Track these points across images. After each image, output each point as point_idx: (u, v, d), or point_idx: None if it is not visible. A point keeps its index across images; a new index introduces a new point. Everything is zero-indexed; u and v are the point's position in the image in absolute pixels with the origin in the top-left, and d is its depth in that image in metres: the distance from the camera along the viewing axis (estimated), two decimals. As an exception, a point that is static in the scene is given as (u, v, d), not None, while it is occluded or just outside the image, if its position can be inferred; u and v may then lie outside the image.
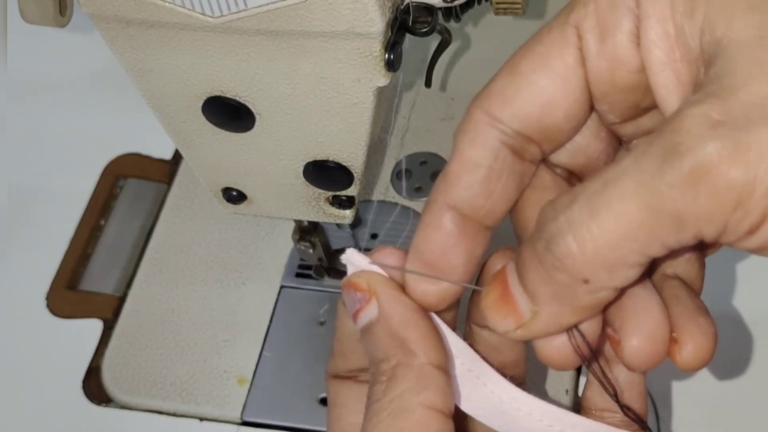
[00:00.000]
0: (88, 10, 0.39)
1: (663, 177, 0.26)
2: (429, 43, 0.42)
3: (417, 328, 0.33)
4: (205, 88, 0.42)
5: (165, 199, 0.65)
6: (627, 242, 0.27)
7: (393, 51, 0.38)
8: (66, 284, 0.62)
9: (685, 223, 0.27)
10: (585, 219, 0.28)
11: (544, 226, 0.29)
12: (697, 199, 0.26)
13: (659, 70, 0.30)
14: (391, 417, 0.32)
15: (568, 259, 0.28)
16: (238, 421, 0.55)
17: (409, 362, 0.32)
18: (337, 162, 0.45)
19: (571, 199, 0.28)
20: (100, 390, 0.57)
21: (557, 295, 0.30)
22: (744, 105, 0.26)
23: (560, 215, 0.28)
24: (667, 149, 0.26)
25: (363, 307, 0.34)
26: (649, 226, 0.27)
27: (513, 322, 0.31)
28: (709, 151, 0.26)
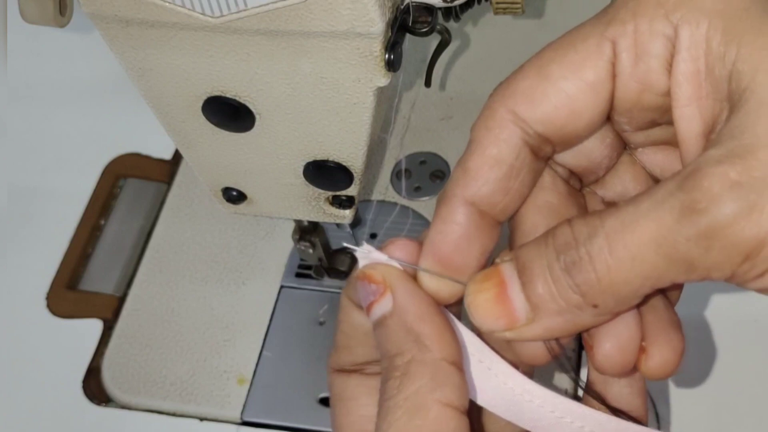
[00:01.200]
0: (88, 10, 0.39)
1: (680, 230, 0.28)
2: (429, 43, 0.42)
3: (432, 323, 0.33)
4: (205, 87, 0.42)
5: (165, 199, 0.65)
6: (640, 280, 0.30)
7: (393, 51, 0.38)
8: (66, 284, 0.62)
9: (696, 269, 0.29)
10: (605, 255, 0.30)
11: (563, 249, 0.31)
12: (709, 252, 0.28)
13: (684, 105, 0.31)
14: (407, 415, 0.32)
15: (587, 286, 0.30)
16: (238, 420, 0.55)
17: (424, 358, 0.32)
18: (337, 162, 0.45)
19: (591, 232, 0.30)
20: (100, 390, 0.57)
21: (561, 311, 0.31)
22: (762, 166, 0.27)
23: (581, 246, 0.30)
24: (686, 205, 0.28)
25: (377, 300, 0.34)
26: (662, 269, 0.29)
27: (505, 325, 0.32)
28: (726, 212, 0.28)
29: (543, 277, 0.31)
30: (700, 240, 0.28)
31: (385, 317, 0.33)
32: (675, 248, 0.29)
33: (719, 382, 0.53)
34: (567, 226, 0.31)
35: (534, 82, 0.32)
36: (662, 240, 0.29)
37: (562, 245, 0.31)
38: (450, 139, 0.65)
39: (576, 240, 0.30)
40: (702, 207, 0.28)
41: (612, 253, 0.29)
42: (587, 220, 0.31)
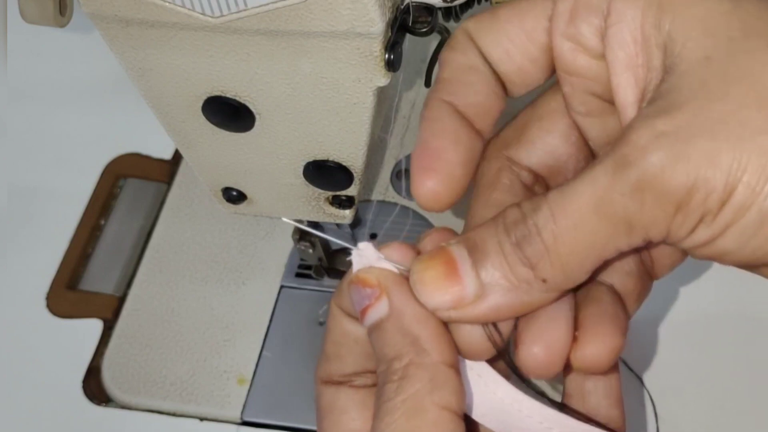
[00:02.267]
0: (88, 9, 0.39)
1: (614, 186, 0.29)
2: (429, 43, 0.42)
3: (429, 326, 0.33)
4: (205, 87, 0.42)
5: (165, 199, 0.65)
6: (585, 248, 0.30)
7: (393, 51, 0.38)
8: (66, 284, 0.62)
9: (635, 228, 0.30)
10: (551, 225, 0.31)
11: (512, 226, 0.32)
12: (644, 206, 0.29)
13: (621, 72, 0.32)
14: (405, 417, 0.32)
15: (537, 258, 0.31)
16: (238, 420, 0.55)
17: (422, 361, 0.32)
18: (337, 162, 0.45)
19: (537, 206, 0.31)
20: (100, 390, 0.57)
21: (511, 288, 0.32)
22: (686, 118, 0.28)
23: (529, 219, 0.31)
24: (617, 161, 0.29)
25: (372, 304, 0.34)
26: (603, 233, 0.30)
27: (451, 302, 0.33)
28: (653, 161, 0.29)
29: (494, 253, 0.32)
30: (634, 193, 0.29)
31: (381, 321, 0.34)
32: (612, 207, 0.29)
33: (719, 383, 0.53)
34: (515, 206, 0.32)
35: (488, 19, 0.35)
36: (599, 200, 0.30)
37: (511, 223, 0.32)
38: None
39: (524, 215, 0.31)
40: (631, 159, 0.29)
41: (556, 222, 0.30)
42: (534, 198, 0.32)
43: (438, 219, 0.60)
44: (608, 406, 0.37)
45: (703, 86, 0.29)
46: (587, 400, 0.37)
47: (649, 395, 0.52)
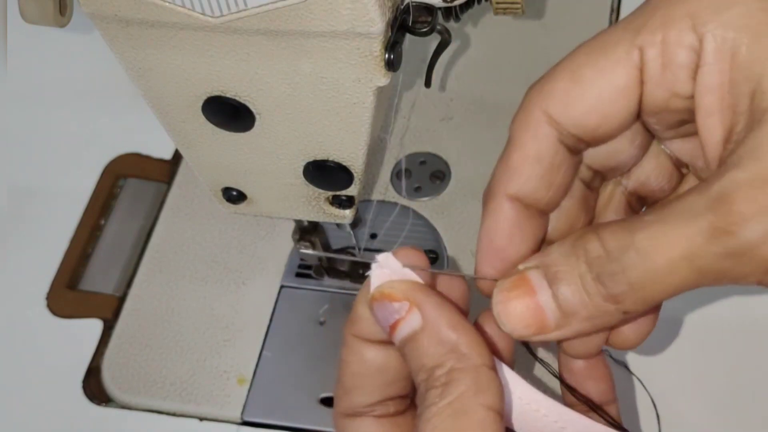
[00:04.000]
0: (88, 9, 0.39)
1: (712, 248, 0.30)
2: (429, 43, 0.42)
3: (465, 331, 0.34)
4: (205, 87, 0.42)
5: (165, 198, 0.65)
6: (672, 289, 0.32)
7: (393, 51, 0.38)
8: (66, 284, 0.62)
9: (725, 279, 0.31)
10: (639, 268, 0.31)
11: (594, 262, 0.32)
12: (738, 266, 0.30)
13: (708, 114, 0.33)
14: (452, 418, 0.32)
15: (622, 297, 0.32)
16: (238, 420, 0.55)
17: (465, 365, 0.33)
18: (337, 162, 0.45)
19: (622, 247, 0.32)
20: (100, 390, 0.57)
21: (592, 317, 0.33)
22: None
23: (614, 261, 0.32)
24: (717, 227, 0.30)
25: (404, 318, 0.34)
26: (693, 280, 0.31)
27: (534, 331, 0.34)
28: (755, 236, 0.30)
29: (576, 286, 0.33)
30: (730, 257, 0.30)
31: (415, 333, 0.34)
32: (706, 263, 0.31)
33: (719, 383, 0.53)
34: (595, 237, 0.33)
35: (567, 85, 0.34)
36: (694, 257, 0.31)
37: (594, 258, 0.32)
38: (450, 140, 0.65)
39: (608, 254, 0.32)
40: (733, 229, 0.30)
41: (646, 268, 0.31)
42: (616, 233, 0.32)
43: (438, 219, 0.60)
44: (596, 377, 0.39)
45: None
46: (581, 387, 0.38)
47: (649, 395, 0.52)
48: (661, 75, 0.33)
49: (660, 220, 0.31)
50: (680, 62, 0.32)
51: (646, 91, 0.33)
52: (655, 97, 0.33)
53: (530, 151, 0.35)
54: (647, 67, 0.33)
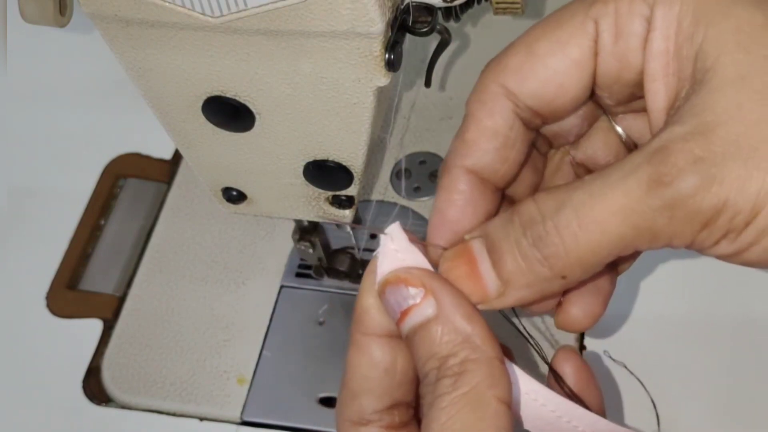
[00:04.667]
0: (88, 9, 0.39)
1: (647, 201, 0.30)
2: (429, 43, 0.42)
3: (479, 323, 0.34)
4: (205, 87, 0.42)
5: (165, 198, 0.65)
6: (607, 249, 0.32)
7: (393, 51, 0.38)
8: (66, 284, 0.62)
9: (660, 237, 0.31)
10: (573, 227, 0.31)
11: (529, 225, 0.32)
12: (672, 221, 0.31)
13: (653, 80, 0.33)
14: (468, 408, 0.32)
15: (555, 259, 0.32)
16: (237, 420, 0.55)
17: (478, 356, 0.33)
18: (337, 162, 0.45)
19: (558, 205, 0.32)
20: (100, 390, 0.57)
21: (531, 283, 0.33)
22: (722, 142, 0.30)
23: (548, 220, 0.32)
24: (653, 178, 0.30)
25: (419, 304, 0.34)
26: (629, 238, 0.31)
27: (477, 299, 0.34)
28: (688, 184, 0.30)
29: (512, 254, 0.33)
30: (665, 210, 0.30)
31: (428, 321, 0.34)
32: (642, 218, 0.31)
33: (720, 383, 0.53)
34: (531, 201, 0.33)
35: (523, 58, 0.34)
36: (630, 211, 0.31)
37: (527, 221, 0.32)
38: (450, 139, 0.65)
39: (542, 214, 0.32)
40: (668, 180, 0.30)
41: (581, 225, 0.31)
42: (553, 194, 0.32)
43: (438, 219, 0.60)
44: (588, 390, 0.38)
45: (738, 109, 0.30)
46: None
47: (649, 395, 0.52)
48: (613, 45, 0.33)
49: (599, 177, 0.32)
50: (632, 31, 0.33)
51: (599, 62, 0.34)
52: (608, 67, 0.34)
53: (486, 125, 0.35)
54: (601, 38, 0.33)
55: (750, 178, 0.30)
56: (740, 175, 0.30)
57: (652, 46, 0.33)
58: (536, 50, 0.34)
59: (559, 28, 0.34)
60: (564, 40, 0.34)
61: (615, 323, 0.56)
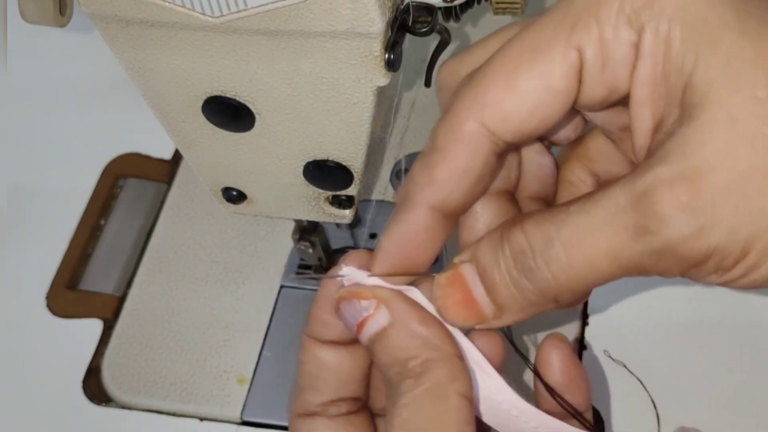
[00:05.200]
0: (88, 9, 0.39)
1: (634, 247, 0.30)
2: (429, 43, 0.42)
3: (435, 325, 0.35)
4: (205, 87, 0.42)
5: (165, 198, 0.65)
6: (595, 282, 0.32)
7: (393, 51, 0.38)
8: (66, 284, 0.62)
9: (647, 273, 0.31)
10: (563, 263, 0.31)
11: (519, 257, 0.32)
12: (661, 263, 0.31)
13: (640, 106, 0.32)
14: (430, 403, 0.33)
15: (547, 290, 0.32)
16: (237, 420, 0.55)
17: (439, 355, 0.34)
18: (337, 162, 0.45)
19: (547, 240, 0.32)
20: (100, 390, 0.57)
21: (524, 308, 0.33)
22: (711, 190, 0.29)
23: (538, 255, 0.32)
24: (640, 225, 0.30)
25: (373, 315, 0.35)
26: (617, 274, 0.32)
27: (475, 322, 0.35)
28: (678, 234, 0.30)
29: (504, 283, 0.33)
30: (653, 255, 0.30)
31: (384, 330, 0.35)
32: (629, 260, 0.31)
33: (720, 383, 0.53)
34: (521, 232, 0.32)
35: (502, 94, 0.33)
36: (617, 253, 0.31)
37: (518, 253, 0.32)
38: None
39: (532, 249, 0.32)
40: (655, 229, 0.30)
41: (570, 264, 0.31)
42: (541, 226, 0.32)
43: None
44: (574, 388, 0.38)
45: (728, 154, 0.29)
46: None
47: (649, 395, 0.52)
48: (601, 74, 0.32)
49: (584, 212, 0.31)
50: (620, 59, 0.32)
51: (584, 89, 0.33)
52: (594, 94, 0.33)
53: (460, 165, 0.34)
54: (587, 67, 0.32)
55: (741, 225, 0.29)
56: (731, 224, 0.29)
57: (639, 73, 0.32)
58: (516, 84, 0.32)
59: (539, 57, 0.32)
60: (547, 72, 0.32)
61: (615, 323, 0.56)
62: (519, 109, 0.32)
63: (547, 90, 0.32)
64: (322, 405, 0.38)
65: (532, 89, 0.32)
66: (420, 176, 0.34)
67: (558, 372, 0.38)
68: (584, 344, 0.55)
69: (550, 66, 0.32)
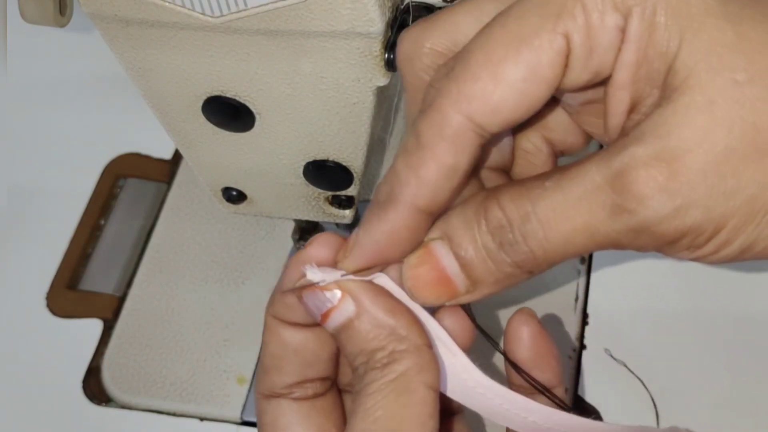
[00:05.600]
0: (88, 9, 0.39)
1: (610, 225, 0.31)
2: (429, 43, 0.42)
3: (402, 315, 0.35)
4: (205, 87, 0.42)
5: (165, 198, 0.65)
6: (571, 254, 0.33)
7: (393, 51, 0.38)
8: (66, 284, 0.62)
9: (623, 248, 0.32)
10: (540, 238, 0.32)
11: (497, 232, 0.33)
12: (636, 240, 0.31)
13: (620, 88, 0.32)
14: (394, 395, 0.33)
15: (524, 262, 0.33)
16: (237, 420, 0.55)
17: (406, 346, 0.34)
18: (337, 162, 0.45)
19: (523, 215, 0.32)
20: (100, 390, 0.57)
21: (499, 281, 0.34)
22: (688, 171, 0.30)
23: (515, 229, 0.32)
24: (617, 203, 0.31)
25: (337, 306, 0.35)
26: (593, 248, 0.32)
27: (446, 299, 0.35)
28: (654, 214, 0.30)
29: (481, 258, 0.33)
30: (629, 232, 0.31)
31: (350, 321, 0.34)
32: (605, 237, 0.31)
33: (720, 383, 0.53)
34: (497, 207, 0.33)
35: (489, 85, 0.32)
36: (593, 230, 0.31)
37: (496, 228, 0.33)
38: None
39: (510, 223, 0.32)
40: (632, 208, 0.30)
41: (547, 238, 0.32)
42: (516, 201, 0.32)
43: (438, 219, 0.60)
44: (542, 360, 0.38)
45: (706, 137, 0.30)
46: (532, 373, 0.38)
47: (650, 395, 0.52)
48: (587, 59, 0.32)
49: (559, 188, 0.32)
50: (607, 45, 0.32)
51: (568, 75, 0.32)
52: (578, 79, 0.33)
53: (447, 162, 0.33)
54: (574, 53, 0.32)
55: (715, 204, 0.30)
56: (706, 204, 0.30)
57: (624, 57, 0.32)
58: (504, 75, 0.31)
59: (525, 45, 0.31)
60: (534, 61, 0.31)
61: (616, 322, 0.56)
62: (507, 101, 0.32)
63: (535, 79, 0.32)
64: (287, 387, 0.37)
65: (520, 79, 0.32)
66: (405, 175, 0.33)
67: (527, 348, 0.37)
68: (584, 343, 0.55)
69: (538, 54, 0.31)
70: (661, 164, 0.30)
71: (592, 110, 0.37)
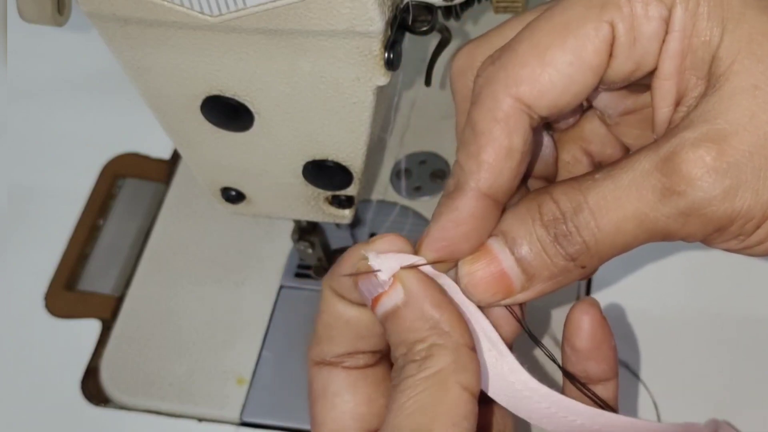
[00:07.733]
0: (87, 8, 0.39)
1: (661, 209, 0.32)
2: (429, 42, 0.42)
3: (448, 310, 0.35)
4: (204, 87, 0.42)
5: (163, 198, 0.65)
6: (623, 245, 0.33)
7: (393, 50, 0.38)
8: (64, 284, 0.61)
9: (673, 237, 0.33)
10: (592, 228, 0.33)
11: (551, 224, 0.33)
12: (686, 225, 0.32)
13: (666, 78, 0.33)
14: (428, 392, 0.33)
15: (576, 254, 0.33)
16: (237, 421, 0.55)
17: (445, 342, 0.34)
18: (337, 161, 0.44)
19: (576, 207, 0.33)
20: (98, 390, 0.57)
21: (553, 275, 0.34)
22: (735, 152, 0.31)
23: (569, 220, 0.33)
24: (666, 187, 0.32)
25: (387, 292, 0.35)
26: (642, 238, 0.33)
27: (502, 297, 0.35)
28: (704, 195, 0.31)
29: (536, 251, 0.34)
30: (679, 217, 0.32)
31: (397, 308, 0.35)
32: (655, 223, 0.32)
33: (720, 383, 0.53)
34: (551, 201, 0.34)
35: (537, 69, 0.33)
36: (644, 216, 0.32)
37: (550, 221, 0.34)
38: (450, 139, 0.64)
39: (563, 215, 0.33)
40: (681, 189, 0.31)
41: (599, 227, 0.33)
42: (569, 194, 0.33)
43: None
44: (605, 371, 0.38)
45: (752, 119, 0.31)
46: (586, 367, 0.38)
47: (650, 395, 0.52)
48: (631, 48, 0.33)
49: (609, 178, 0.33)
50: (650, 34, 0.33)
51: (613, 64, 0.34)
52: (622, 69, 0.34)
53: (503, 145, 0.34)
54: (618, 42, 0.33)
55: (764, 188, 0.31)
56: (754, 186, 0.31)
57: (669, 47, 0.33)
58: (551, 60, 0.33)
59: (571, 34, 0.33)
60: (580, 47, 0.33)
61: (617, 322, 0.55)
62: (555, 84, 0.33)
63: (581, 65, 0.33)
64: (338, 356, 0.38)
65: (567, 63, 0.33)
66: (467, 163, 0.34)
67: (586, 337, 0.37)
68: None
69: (584, 41, 0.33)
70: (708, 144, 0.31)
71: (630, 121, 0.38)
